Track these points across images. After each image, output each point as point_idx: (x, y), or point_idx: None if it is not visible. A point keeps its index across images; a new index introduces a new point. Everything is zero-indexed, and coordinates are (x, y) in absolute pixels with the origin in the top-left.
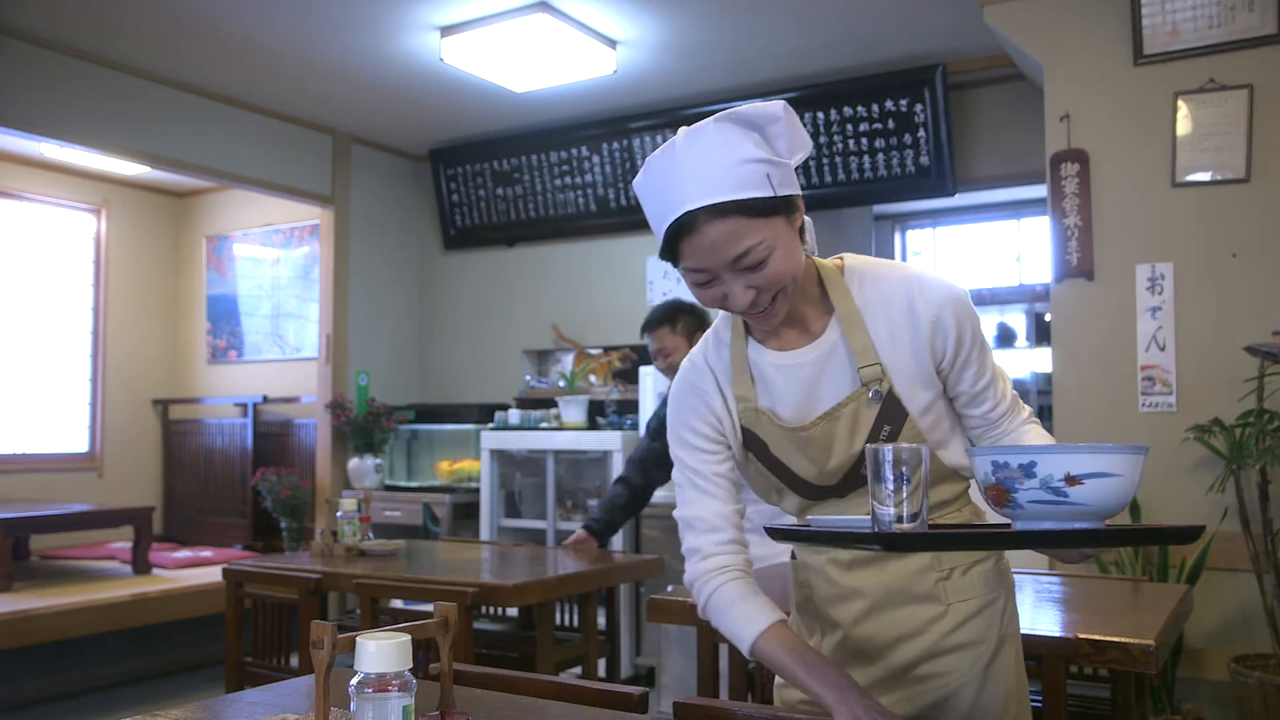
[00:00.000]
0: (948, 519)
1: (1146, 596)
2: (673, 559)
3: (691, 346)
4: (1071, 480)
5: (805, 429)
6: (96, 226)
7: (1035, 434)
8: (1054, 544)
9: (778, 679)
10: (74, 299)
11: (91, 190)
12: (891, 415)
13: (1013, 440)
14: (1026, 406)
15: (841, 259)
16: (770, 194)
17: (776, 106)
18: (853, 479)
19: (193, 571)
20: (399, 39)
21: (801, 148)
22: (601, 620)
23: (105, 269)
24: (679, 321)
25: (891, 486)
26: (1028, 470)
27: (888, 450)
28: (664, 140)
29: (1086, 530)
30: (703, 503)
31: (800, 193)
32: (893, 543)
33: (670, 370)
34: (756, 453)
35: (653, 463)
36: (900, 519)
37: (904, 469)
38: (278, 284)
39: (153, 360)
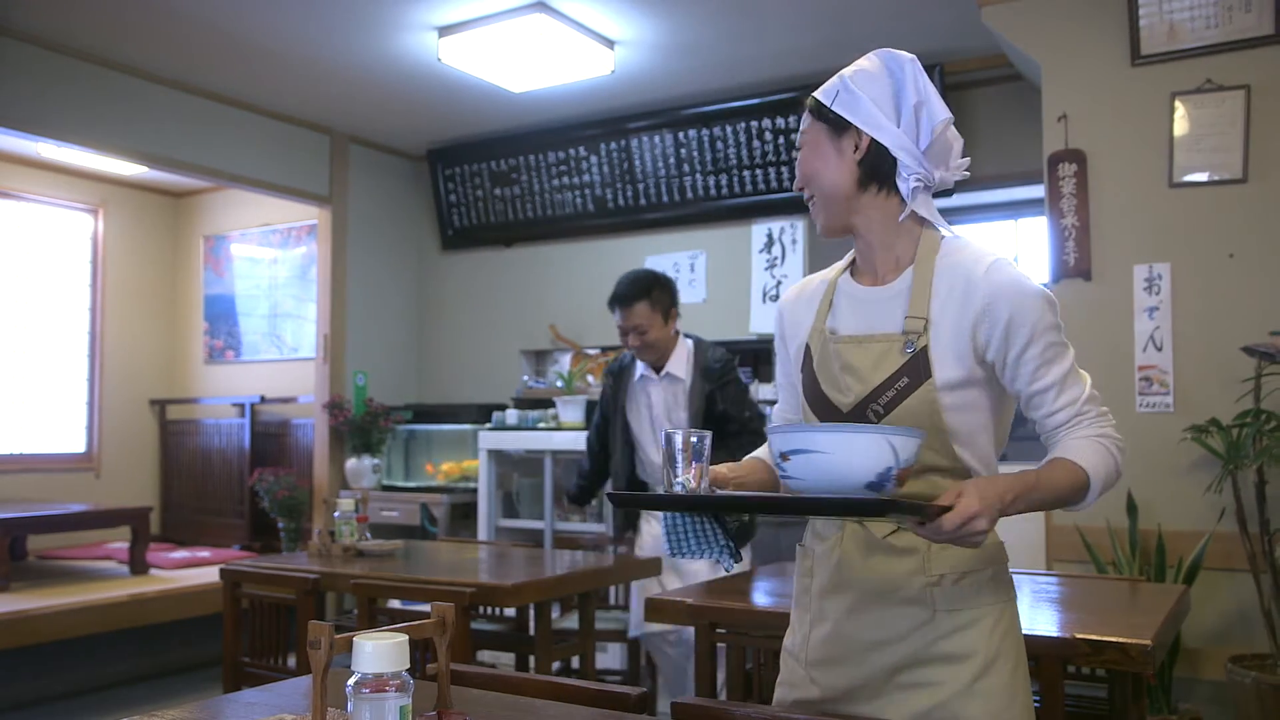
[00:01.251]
0: None
1: (1144, 596)
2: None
3: (668, 325)
4: (784, 456)
5: (839, 339)
6: (94, 226)
7: (1068, 447)
8: (770, 511)
9: (780, 678)
10: (71, 299)
11: (89, 190)
12: (915, 371)
13: (1053, 451)
14: (1105, 424)
15: (950, 233)
16: (827, 104)
17: (913, 64)
18: (865, 418)
19: (190, 572)
20: (397, 39)
21: (928, 111)
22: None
23: (102, 269)
24: (654, 292)
25: (680, 462)
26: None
27: (677, 435)
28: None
29: (800, 499)
30: (780, 404)
31: (863, 127)
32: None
33: (645, 350)
34: (805, 375)
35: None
36: (683, 488)
37: (691, 449)
38: (275, 284)
39: (150, 360)
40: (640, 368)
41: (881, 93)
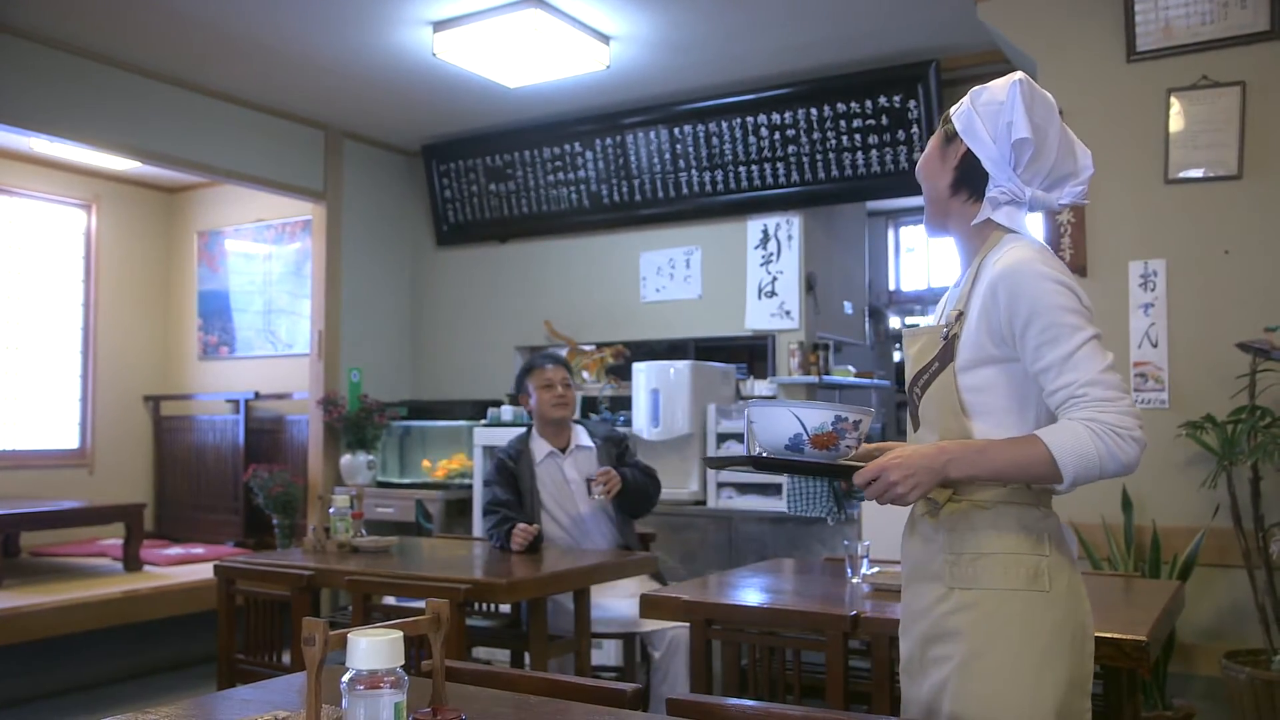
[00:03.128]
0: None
1: (1139, 592)
2: (666, 556)
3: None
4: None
5: (909, 328)
6: (87, 222)
7: (1046, 429)
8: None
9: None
10: (65, 295)
11: (82, 185)
12: (944, 356)
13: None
14: (1103, 409)
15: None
16: (951, 116)
17: (1015, 86)
18: (911, 400)
19: (184, 568)
20: (392, 34)
21: (1012, 129)
22: None
23: (96, 265)
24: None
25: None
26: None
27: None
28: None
29: (762, 458)
30: None
31: (964, 139)
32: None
33: (566, 405)
34: None
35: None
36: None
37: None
38: (269, 280)
39: (144, 356)
40: (539, 450)
41: (993, 112)
